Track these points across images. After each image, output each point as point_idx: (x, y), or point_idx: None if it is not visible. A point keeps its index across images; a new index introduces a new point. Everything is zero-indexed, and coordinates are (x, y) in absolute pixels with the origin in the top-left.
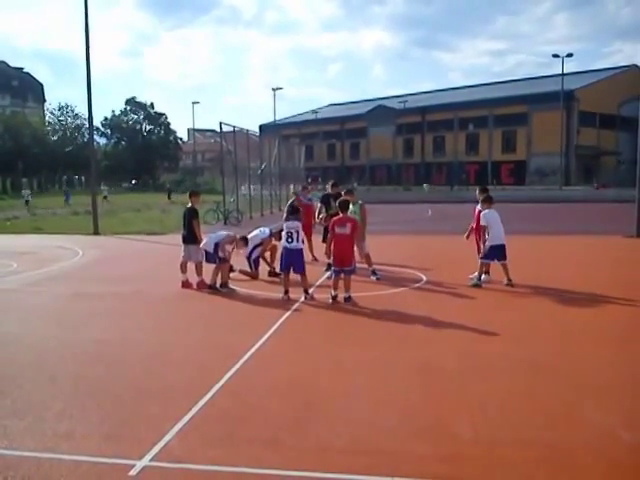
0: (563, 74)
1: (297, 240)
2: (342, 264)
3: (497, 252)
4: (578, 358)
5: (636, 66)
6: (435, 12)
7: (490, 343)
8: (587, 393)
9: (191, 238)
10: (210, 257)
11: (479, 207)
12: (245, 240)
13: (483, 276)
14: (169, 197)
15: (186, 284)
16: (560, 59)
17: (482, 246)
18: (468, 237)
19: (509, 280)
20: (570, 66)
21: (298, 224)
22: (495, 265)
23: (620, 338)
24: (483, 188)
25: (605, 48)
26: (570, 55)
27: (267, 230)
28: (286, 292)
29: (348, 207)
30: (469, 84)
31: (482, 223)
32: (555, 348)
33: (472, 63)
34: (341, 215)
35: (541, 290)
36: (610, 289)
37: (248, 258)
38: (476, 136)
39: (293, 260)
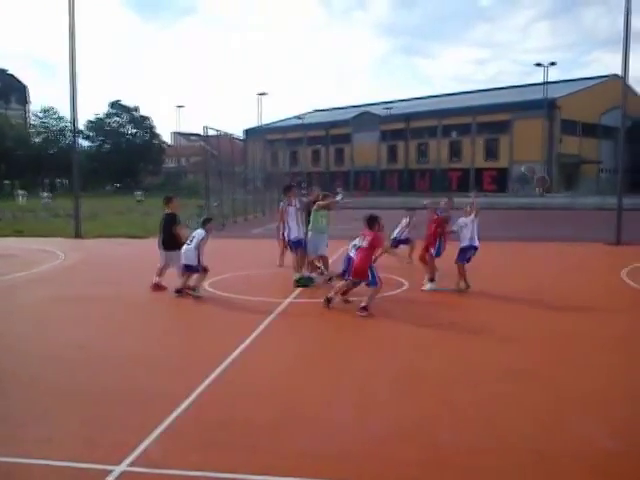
0: (546, 82)
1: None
2: (358, 276)
3: (468, 254)
4: (564, 365)
5: (617, 76)
6: (417, 19)
7: (474, 349)
8: (572, 401)
9: (172, 244)
10: (194, 269)
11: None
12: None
13: (461, 283)
14: None
15: (157, 287)
16: (541, 67)
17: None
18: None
19: (465, 284)
20: (550, 75)
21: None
22: (474, 271)
23: (604, 345)
24: (449, 199)
25: (584, 57)
26: (553, 64)
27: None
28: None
29: (375, 222)
30: (452, 92)
31: (454, 228)
32: (541, 355)
33: (454, 70)
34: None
35: (525, 297)
36: (593, 297)
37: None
38: (459, 143)
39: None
